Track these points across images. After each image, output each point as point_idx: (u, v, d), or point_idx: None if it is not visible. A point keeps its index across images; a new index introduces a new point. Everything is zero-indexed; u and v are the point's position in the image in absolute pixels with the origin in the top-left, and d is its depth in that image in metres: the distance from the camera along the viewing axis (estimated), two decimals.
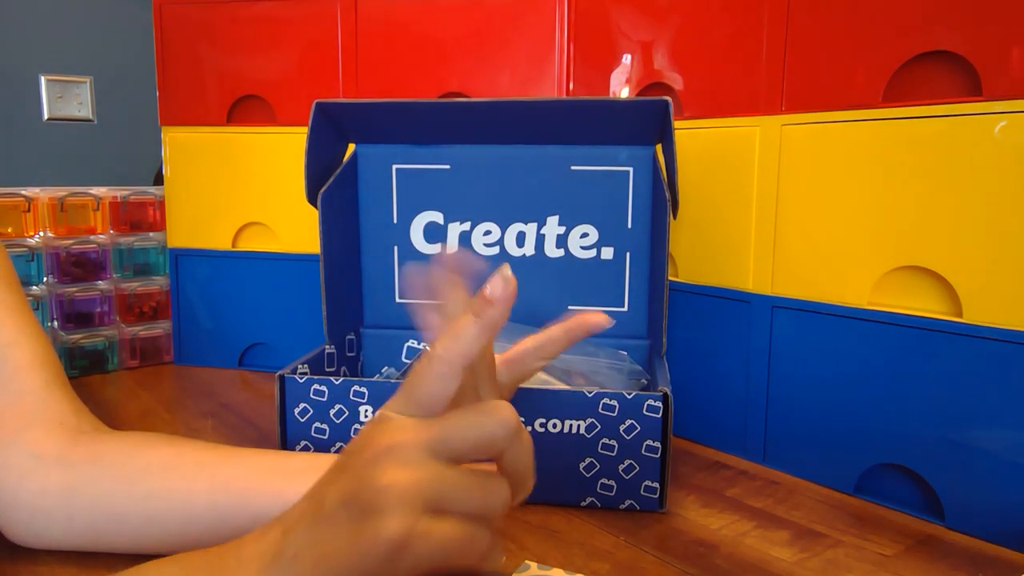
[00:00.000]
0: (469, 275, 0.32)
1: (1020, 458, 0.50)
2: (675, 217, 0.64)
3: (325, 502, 0.28)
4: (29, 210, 0.86)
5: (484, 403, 0.30)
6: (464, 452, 0.29)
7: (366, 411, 0.58)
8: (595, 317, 0.40)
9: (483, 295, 0.29)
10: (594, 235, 0.71)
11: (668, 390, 0.53)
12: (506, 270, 0.30)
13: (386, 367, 0.75)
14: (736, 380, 0.68)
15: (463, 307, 0.30)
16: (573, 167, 0.70)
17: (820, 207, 0.61)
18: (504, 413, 0.29)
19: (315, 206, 0.66)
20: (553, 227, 0.72)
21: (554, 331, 0.41)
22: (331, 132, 0.68)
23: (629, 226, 0.70)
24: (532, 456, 0.32)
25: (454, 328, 0.29)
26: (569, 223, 0.71)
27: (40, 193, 0.87)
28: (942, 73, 0.54)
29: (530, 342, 0.41)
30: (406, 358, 0.75)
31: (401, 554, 0.26)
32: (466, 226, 0.73)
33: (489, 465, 0.31)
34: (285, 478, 0.45)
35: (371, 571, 0.26)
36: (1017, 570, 0.49)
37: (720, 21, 0.67)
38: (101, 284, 0.92)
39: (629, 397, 0.54)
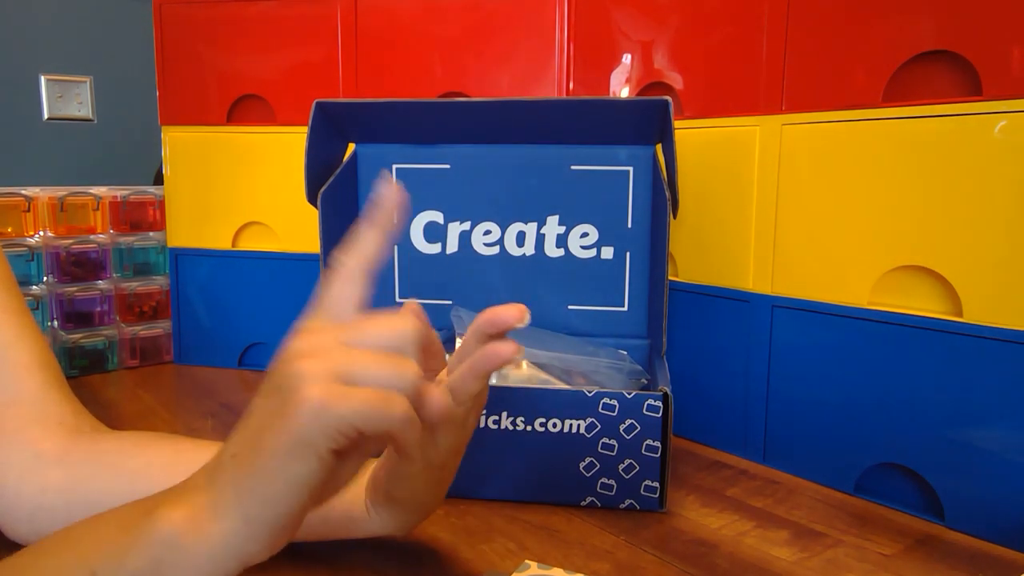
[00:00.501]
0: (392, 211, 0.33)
1: (1020, 458, 0.50)
2: (675, 217, 0.64)
3: (253, 404, 0.31)
4: (29, 210, 0.86)
5: (391, 312, 0.32)
6: (371, 341, 0.30)
7: None
8: (507, 314, 0.37)
9: (373, 200, 0.32)
10: (594, 235, 0.71)
11: (668, 390, 0.53)
12: (389, 176, 0.33)
13: None
14: (736, 380, 0.68)
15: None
16: (573, 167, 0.70)
17: (820, 207, 0.61)
18: (408, 317, 0.31)
19: (315, 206, 0.66)
20: (553, 227, 0.72)
21: (467, 340, 0.38)
22: (331, 132, 0.68)
23: (629, 226, 0.70)
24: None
25: (356, 239, 0.33)
26: (569, 223, 0.71)
27: (40, 193, 0.87)
28: (942, 73, 0.54)
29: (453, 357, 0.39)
30: None
31: (322, 415, 0.28)
32: (466, 226, 0.73)
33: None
34: None
35: (300, 434, 0.28)
36: (1017, 570, 0.49)
37: (720, 21, 0.67)
38: (101, 284, 0.92)
39: (629, 397, 0.54)
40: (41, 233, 0.88)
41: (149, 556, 0.29)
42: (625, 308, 0.72)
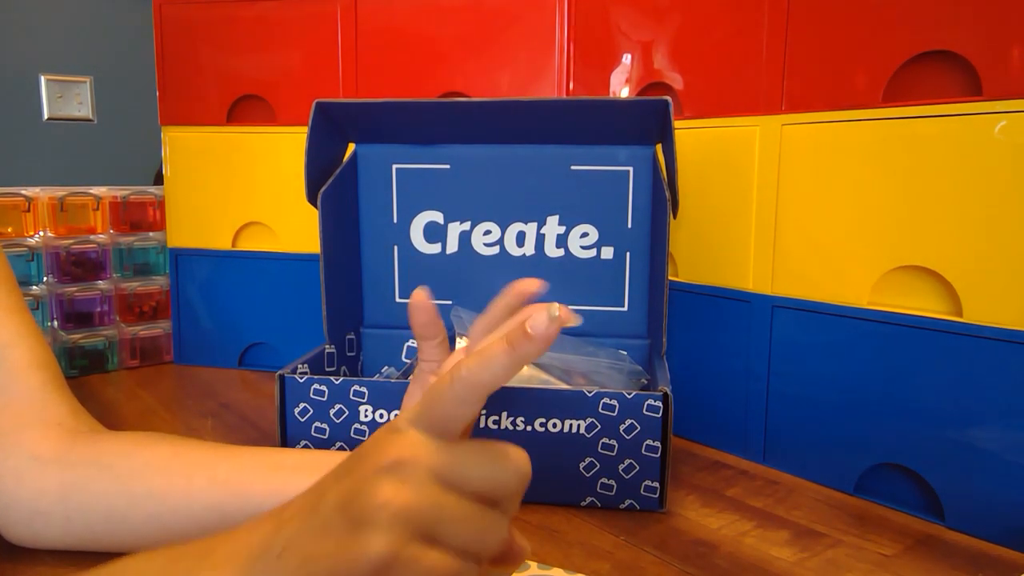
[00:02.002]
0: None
1: (1020, 458, 0.50)
2: (675, 217, 0.64)
3: (321, 503, 0.27)
4: (29, 210, 0.86)
5: (501, 445, 0.28)
6: (470, 487, 0.27)
7: (366, 411, 0.58)
8: (527, 285, 0.35)
9: (524, 328, 0.28)
10: (594, 235, 0.71)
11: (668, 390, 0.53)
12: (555, 309, 0.28)
13: (386, 367, 0.75)
14: (736, 380, 0.68)
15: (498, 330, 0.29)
16: (573, 167, 0.70)
17: (820, 207, 0.61)
18: (520, 461, 0.28)
19: (315, 206, 0.66)
20: (553, 227, 0.72)
21: (496, 309, 0.36)
22: (331, 132, 0.68)
23: (629, 226, 0.70)
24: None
25: (485, 353, 0.28)
26: (569, 223, 0.71)
27: (40, 193, 0.87)
28: (942, 73, 0.54)
29: (478, 323, 0.37)
30: (406, 358, 0.75)
31: (385, 573, 0.25)
32: (466, 226, 0.73)
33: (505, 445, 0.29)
34: (284, 475, 0.45)
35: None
36: (1017, 570, 0.49)
37: (720, 21, 0.67)
38: (101, 284, 0.92)
39: (629, 397, 0.54)
40: (41, 233, 0.88)
41: None
42: (625, 308, 0.72)
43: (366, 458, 0.27)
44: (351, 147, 0.74)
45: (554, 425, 0.55)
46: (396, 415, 0.29)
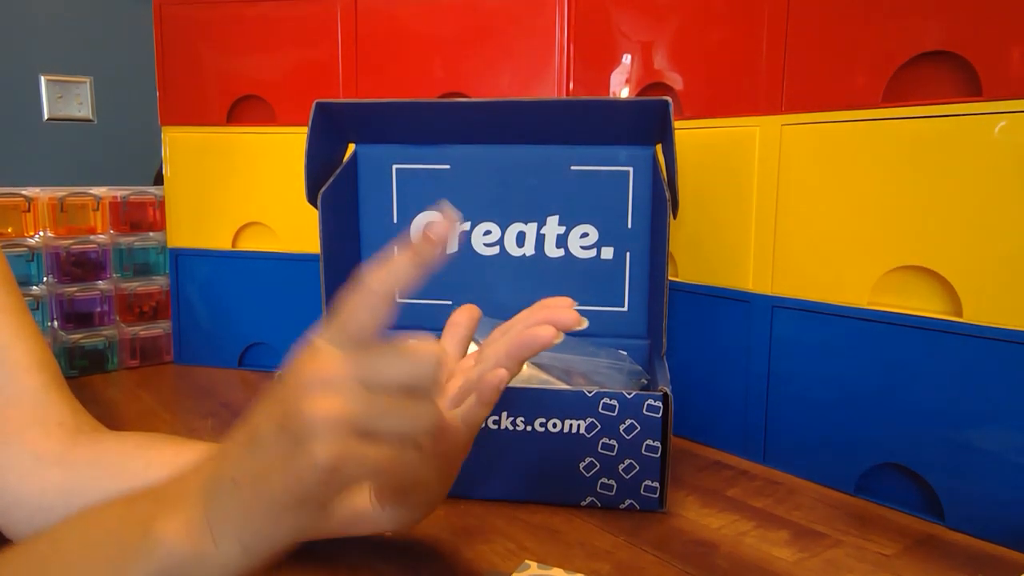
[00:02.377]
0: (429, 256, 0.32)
1: (1020, 458, 0.50)
2: (675, 217, 0.64)
3: (259, 430, 0.29)
4: (29, 210, 0.86)
5: (409, 342, 0.30)
6: (392, 383, 0.29)
7: None
8: (563, 315, 0.38)
9: (426, 233, 0.31)
10: (594, 235, 0.71)
11: (668, 390, 0.53)
12: (449, 207, 0.31)
13: None
14: (736, 380, 0.68)
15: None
16: (573, 167, 0.70)
17: (820, 207, 0.61)
18: (427, 350, 0.29)
19: (315, 206, 0.66)
20: (553, 227, 0.72)
21: (520, 321, 0.39)
22: (331, 132, 0.68)
23: (629, 226, 0.70)
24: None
25: (389, 264, 0.31)
26: (569, 223, 0.71)
27: (40, 193, 0.87)
28: (942, 73, 0.54)
29: (498, 331, 0.40)
30: None
31: (334, 476, 0.28)
32: (466, 226, 0.73)
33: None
34: None
35: (307, 491, 0.28)
36: (1017, 570, 0.49)
37: (720, 21, 0.67)
38: (101, 284, 0.92)
39: (629, 397, 0.54)
40: (41, 233, 0.88)
41: (149, 572, 0.30)
42: (625, 308, 0.72)
43: (293, 382, 0.29)
44: (351, 147, 0.74)
45: (554, 425, 0.55)
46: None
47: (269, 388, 0.31)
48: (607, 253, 0.71)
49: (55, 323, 0.89)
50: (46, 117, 1.25)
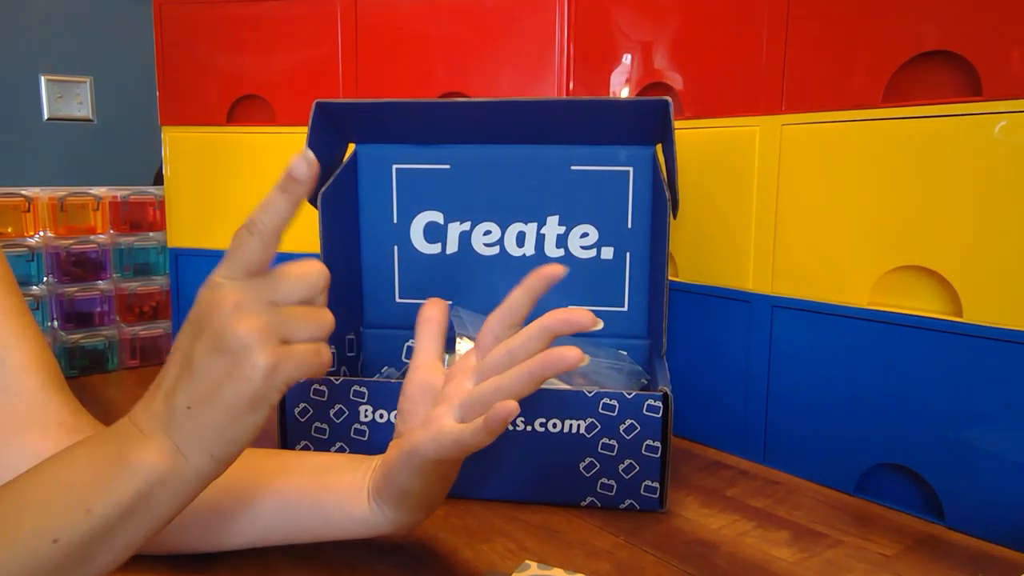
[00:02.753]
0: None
1: (1020, 458, 0.50)
2: (675, 217, 0.64)
3: (195, 359, 0.34)
4: (29, 210, 0.86)
5: (296, 263, 0.37)
6: (291, 297, 0.36)
7: (366, 411, 0.58)
8: (551, 269, 0.43)
9: (289, 173, 0.36)
10: (594, 235, 0.71)
11: (668, 390, 0.53)
12: (308, 153, 0.36)
13: (386, 367, 0.75)
14: (736, 380, 0.68)
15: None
16: (573, 167, 0.70)
17: (820, 207, 0.61)
18: (312, 266, 0.37)
19: (315, 206, 0.66)
20: (553, 227, 0.72)
21: (514, 294, 0.43)
22: (331, 132, 0.68)
23: (629, 226, 0.70)
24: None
25: (265, 203, 0.36)
26: (569, 223, 0.71)
27: (40, 193, 0.87)
28: (942, 73, 0.54)
29: (494, 315, 0.43)
30: (406, 358, 0.75)
31: (274, 376, 0.34)
32: (466, 226, 0.73)
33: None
34: (284, 478, 0.46)
35: (256, 393, 0.34)
36: (1017, 570, 0.49)
37: (720, 21, 0.67)
38: (101, 284, 0.92)
39: (629, 397, 0.54)
40: (41, 233, 0.88)
41: (136, 491, 0.34)
42: (625, 308, 0.72)
43: (208, 315, 0.34)
44: (351, 147, 0.74)
45: (554, 425, 0.55)
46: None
47: (183, 326, 0.36)
48: (607, 253, 0.71)
49: (55, 323, 0.89)
50: (46, 117, 1.25)
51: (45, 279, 0.88)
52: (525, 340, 0.40)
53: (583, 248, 0.72)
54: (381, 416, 0.58)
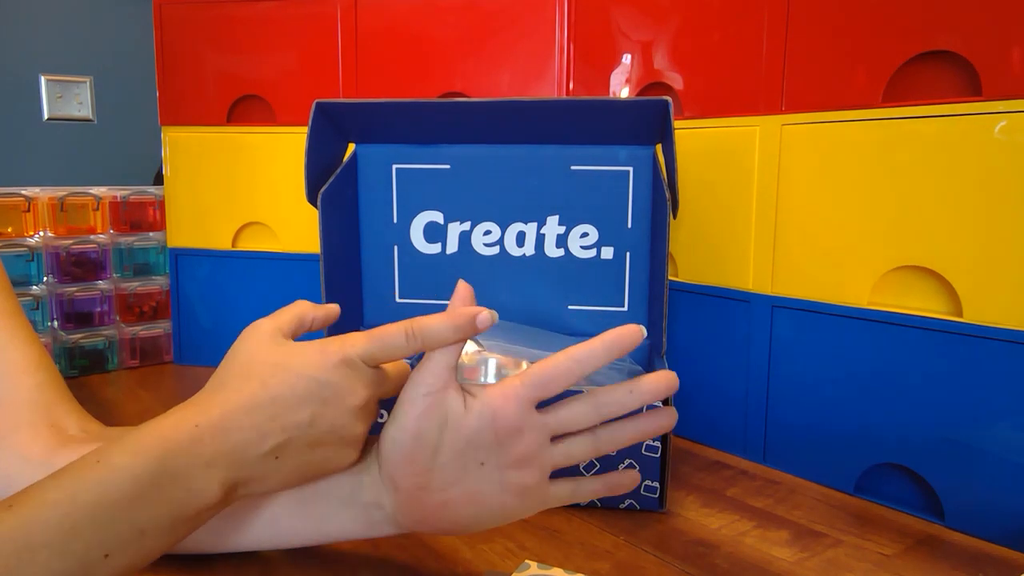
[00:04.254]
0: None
1: (1020, 458, 0.50)
2: (675, 217, 0.64)
3: (312, 425, 0.38)
4: (29, 210, 0.86)
5: (400, 368, 0.43)
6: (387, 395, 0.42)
7: None
8: (637, 333, 0.39)
9: (475, 323, 0.38)
10: (594, 235, 0.71)
11: None
12: (495, 315, 0.39)
13: None
14: (736, 380, 0.68)
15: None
16: (573, 167, 0.70)
17: (820, 207, 0.61)
18: (404, 375, 0.42)
19: (315, 206, 0.66)
20: (553, 227, 0.72)
21: (596, 351, 0.39)
22: (331, 132, 0.68)
23: (629, 226, 0.70)
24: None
25: (435, 324, 0.38)
26: (569, 223, 0.71)
27: (40, 193, 0.87)
28: (942, 73, 0.54)
29: (565, 365, 0.39)
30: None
31: (348, 468, 0.42)
32: (466, 226, 0.73)
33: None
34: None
35: (331, 471, 0.41)
36: (1017, 570, 0.49)
37: (720, 21, 0.67)
38: (101, 284, 0.92)
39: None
40: (41, 233, 0.88)
41: (190, 519, 0.36)
42: (625, 308, 0.72)
43: (343, 394, 0.38)
44: (351, 147, 0.74)
45: None
46: (348, 349, 0.39)
47: (312, 383, 0.39)
48: (607, 253, 0.71)
49: (55, 323, 0.89)
50: (46, 117, 1.25)
51: (45, 279, 0.88)
52: (620, 407, 0.40)
53: (583, 248, 0.72)
54: (381, 416, 0.58)
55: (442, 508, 0.40)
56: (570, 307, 0.72)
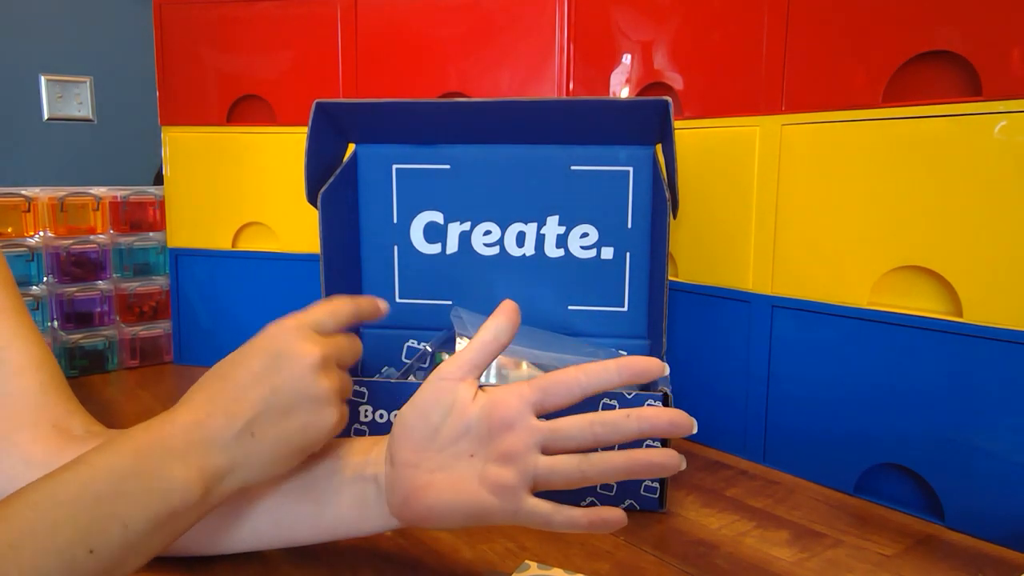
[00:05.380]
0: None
1: (1020, 458, 0.50)
2: (675, 217, 0.64)
3: (275, 395, 0.40)
4: (29, 210, 0.86)
5: (352, 337, 0.45)
6: (344, 361, 0.44)
7: (366, 411, 0.58)
8: (655, 368, 0.40)
9: (379, 308, 0.46)
10: (594, 235, 0.71)
11: (668, 390, 0.53)
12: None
13: (386, 367, 0.75)
14: (736, 380, 0.68)
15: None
16: (573, 167, 0.70)
17: (820, 207, 0.61)
18: (357, 346, 0.45)
19: (315, 206, 0.66)
20: (553, 227, 0.72)
21: (610, 375, 0.40)
22: (331, 132, 0.68)
23: (629, 226, 0.70)
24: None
25: (363, 301, 0.45)
26: (569, 223, 0.71)
27: (40, 193, 0.87)
28: (942, 73, 0.54)
29: (575, 379, 0.41)
30: (406, 358, 0.75)
31: (337, 429, 0.42)
32: (466, 226, 0.73)
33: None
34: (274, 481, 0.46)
35: (317, 443, 0.41)
36: (1017, 570, 0.49)
37: (720, 21, 0.67)
38: (101, 284, 0.92)
39: (629, 397, 0.54)
40: (41, 233, 0.88)
41: (172, 510, 0.36)
42: (625, 308, 0.72)
43: (290, 357, 0.40)
44: (351, 147, 0.74)
45: None
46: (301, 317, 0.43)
47: (250, 351, 0.43)
48: (607, 253, 0.71)
49: (55, 323, 0.89)
50: (46, 117, 1.25)
51: (45, 279, 0.88)
52: (615, 429, 0.40)
53: (583, 248, 0.72)
54: (381, 416, 0.58)
55: (424, 489, 0.41)
56: (570, 307, 0.72)
